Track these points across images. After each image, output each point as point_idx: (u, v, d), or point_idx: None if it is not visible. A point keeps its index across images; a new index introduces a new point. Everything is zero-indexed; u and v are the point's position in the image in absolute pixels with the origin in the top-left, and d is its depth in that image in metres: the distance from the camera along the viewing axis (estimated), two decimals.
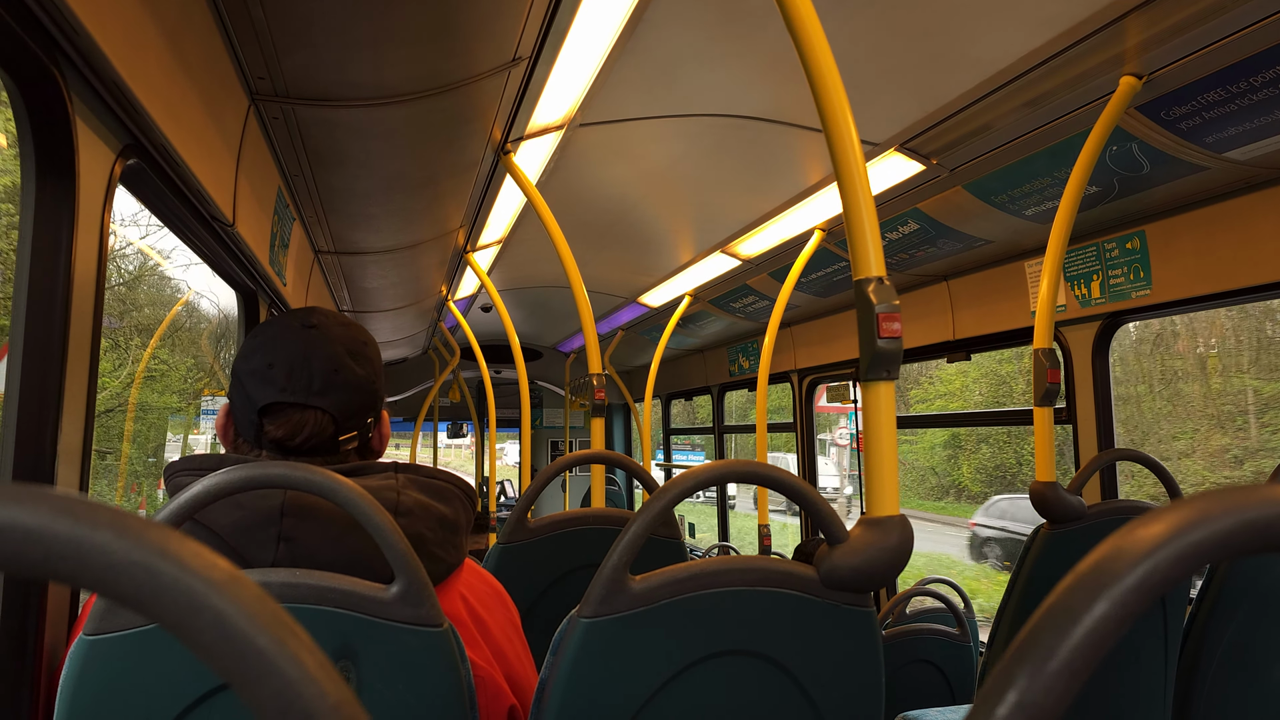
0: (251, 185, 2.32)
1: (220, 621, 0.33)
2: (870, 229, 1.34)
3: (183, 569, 0.33)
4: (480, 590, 1.31)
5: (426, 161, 2.85)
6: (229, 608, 0.33)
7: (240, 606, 0.33)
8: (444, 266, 4.87)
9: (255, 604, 0.34)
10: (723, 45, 2.52)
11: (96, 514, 0.33)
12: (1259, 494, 0.40)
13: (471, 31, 2.00)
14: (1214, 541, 0.39)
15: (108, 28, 1.22)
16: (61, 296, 1.28)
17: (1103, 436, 3.28)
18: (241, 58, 1.94)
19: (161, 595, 0.33)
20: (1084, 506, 2.32)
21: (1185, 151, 2.48)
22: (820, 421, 17.97)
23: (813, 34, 1.41)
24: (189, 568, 0.33)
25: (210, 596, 0.33)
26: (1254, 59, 2.07)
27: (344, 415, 1.26)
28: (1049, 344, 2.52)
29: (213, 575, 0.34)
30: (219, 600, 0.33)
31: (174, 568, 0.33)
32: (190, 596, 0.33)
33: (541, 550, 2.06)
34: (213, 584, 0.33)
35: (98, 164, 1.37)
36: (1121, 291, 3.14)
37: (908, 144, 2.88)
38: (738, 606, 1.19)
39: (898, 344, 1.33)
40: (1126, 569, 0.38)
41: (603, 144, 3.28)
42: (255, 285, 2.79)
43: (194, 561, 0.34)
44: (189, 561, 0.33)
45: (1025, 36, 2.18)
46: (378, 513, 1.04)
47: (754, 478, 1.23)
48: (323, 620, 1.04)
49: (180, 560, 0.33)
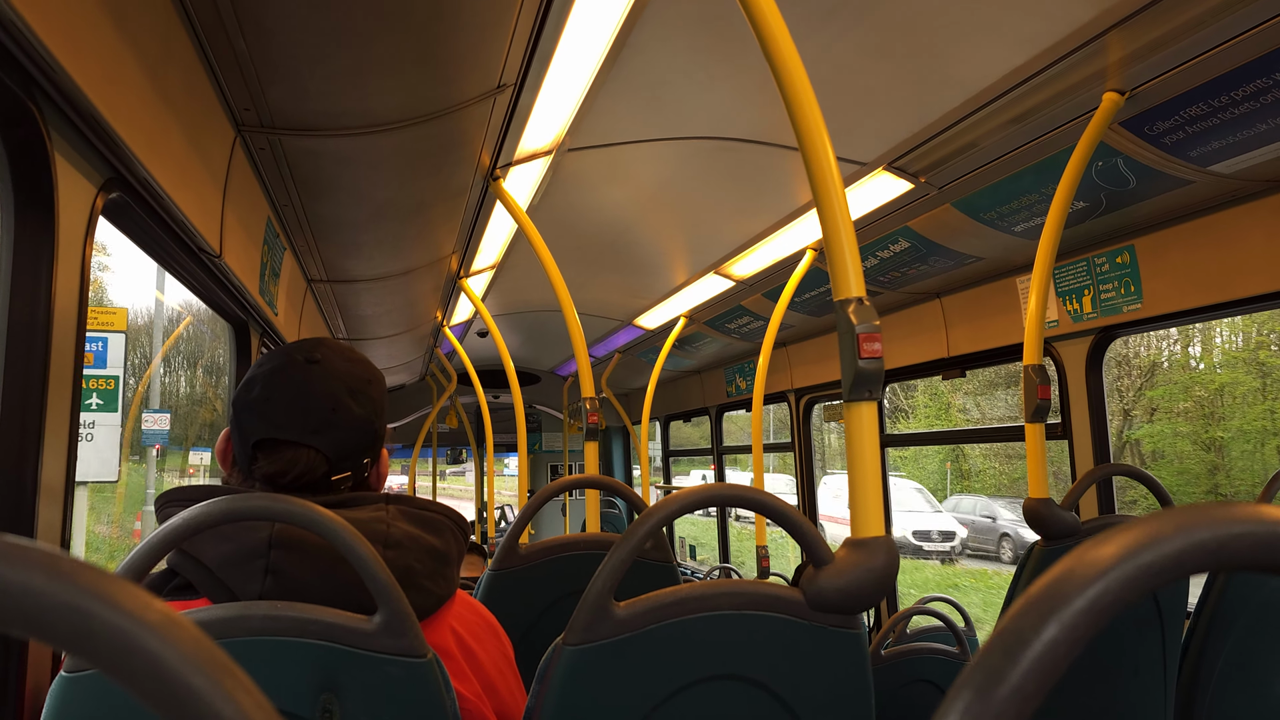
0: (239, 216, 2.33)
1: (155, 663, 0.33)
2: (850, 250, 1.35)
3: (116, 611, 0.33)
4: (471, 622, 1.30)
5: (416, 189, 2.86)
6: (163, 649, 0.33)
7: (175, 647, 0.33)
8: (438, 292, 4.87)
9: (191, 645, 0.34)
10: (709, 68, 2.53)
11: (29, 556, 0.33)
12: (1208, 514, 0.39)
13: (455, 59, 2.02)
14: (1164, 563, 0.39)
15: (85, 64, 1.22)
16: (42, 331, 1.28)
17: (1098, 451, 3.27)
18: (225, 89, 1.95)
19: (95, 638, 0.33)
20: (1078, 522, 2.31)
21: (1170, 166, 2.49)
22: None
23: (787, 56, 1.42)
24: (123, 609, 0.33)
25: (145, 638, 0.33)
26: (1235, 73, 2.08)
27: (338, 455, 1.24)
28: (1039, 360, 2.52)
29: (147, 617, 0.33)
30: (154, 642, 0.33)
31: (107, 610, 0.33)
32: (124, 639, 0.33)
33: (534, 576, 2.06)
34: (147, 626, 0.33)
35: (78, 198, 1.37)
36: (1113, 306, 3.14)
37: (895, 163, 2.89)
38: (725, 631, 1.19)
39: (879, 364, 1.33)
40: (1076, 592, 0.38)
41: (593, 168, 3.29)
42: (246, 315, 2.79)
43: (128, 603, 0.33)
44: (123, 603, 0.33)
45: (1008, 54, 2.20)
46: (359, 543, 1.04)
47: (738, 501, 1.23)
48: (305, 653, 1.03)
49: (114, 602, 0.33)
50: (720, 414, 7.43)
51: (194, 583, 1.12)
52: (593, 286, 5.26)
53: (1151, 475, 2.34)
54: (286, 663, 1.02)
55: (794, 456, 5.85)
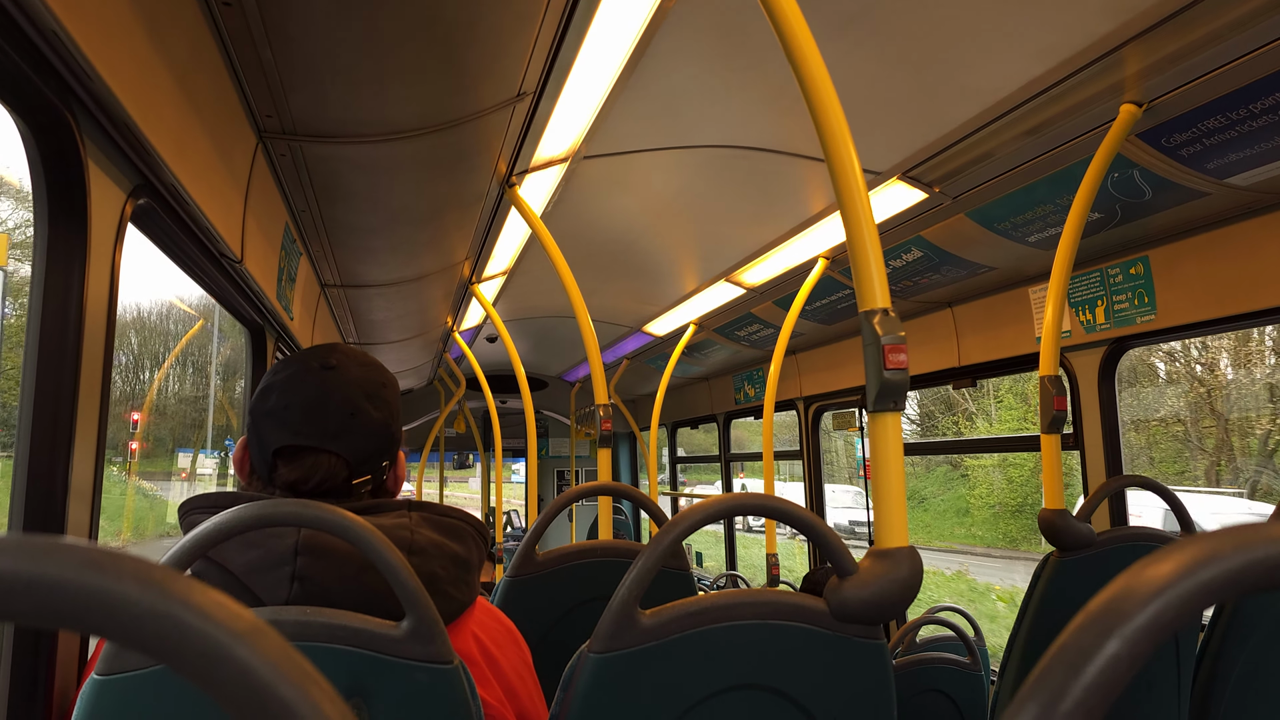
0: (259, 222, 2.34)
1: (244, 672, 0.34)
2: (875, 260, 1.35)
3: (206, 620, 0.34)
4: (493, 629, 1.31)
5: (432, 195, 2.87)
6: (253, 658, 0.34)
7: (264, 657, 0.34)
8: (449, 298, 4.89)
9: (279, 654, 0.34)
10: (724, 78, 2.54)
11: (121, 566, 0.33)
12: (1265, 532, 0.40)
13: (476, 69, 2.03)
14: (1223, 580, 0.39)
15: (119, 70, 1.24)
16: (73, 336, 1.29)
17: (1110, 462, 3.27)
18: (250, 96, 1.97)
19: (185, 646, 0.33)
20: (1093, 534, 2.31)
21: (1187, 178, 2.49)
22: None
23: (814, 67, 1.42)
24: (212, 618, 0.34)
25: (234, 647, 0.34)
26: (1253, 86, 2.08)
27: (358, 460, 1.25)
28: (1055, 371, 2.52)
29: (236, 626, 0.34)
30: (243, 651, 0.34)
31: (198, 619, 0.34)
32: (214, 647, 0.34)
33: (550, 583, 2.06)
34: (236, 635, 0.34)
35: (109, 205, 1.38)
36: (1126, 317, 3.14)
37: (910, 173, 2.89)
38: (749, 640, 1.19)
39: (904, 375, 1.33)
40: (1137, 608, 0.38)
41: (607, 176, 3.30)
42: (263, 320, 2.80)
43: (217, 612, 0.34)
44: (212, 612, 0.34)
45: (1025, 66, 2.20)
46: (388, 550, 1.04)
47: (762, 510, 1.23)
48: (334, 658, 1.04)
49: (204, 611, 0.34)
50: (728, 421, 7.43)
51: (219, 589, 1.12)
52: (603, 292, 5.27)
53: (1166, 487, 2.34)
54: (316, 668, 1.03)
55: (803, 465, 5.85)
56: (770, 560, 4.38)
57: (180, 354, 16.85)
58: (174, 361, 16.59)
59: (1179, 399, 17.69)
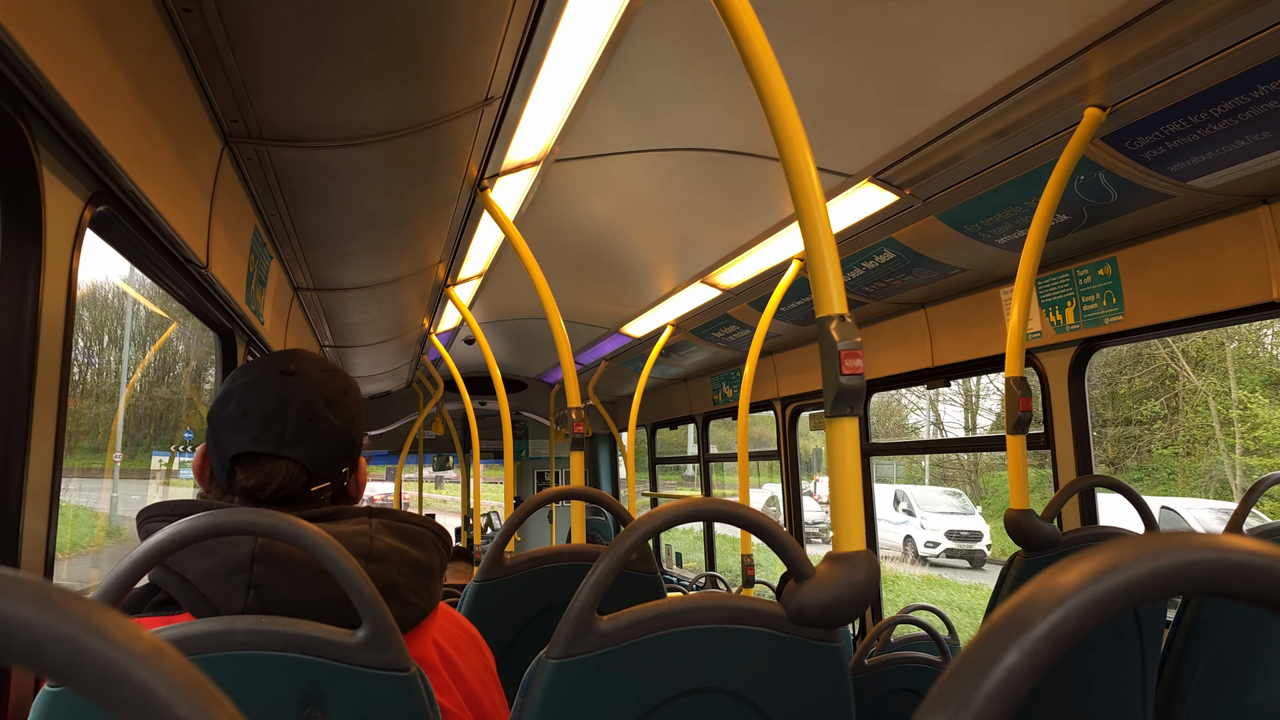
0: (226, 226, 2.33)
1: (143, 692, 0.34)
2: (832, 266, 1.36)
3: (105, 641, 0.34)
4: (454, 634, 1.30)
5: (403, 199, 2.87)
6: (151, 678, 0.34)
7: (163, 677, 0.34)
8: (425, 300, 4.88)
9: (178, 674, 0.34)
10: (696, 79, 2.55)
11: (21, 588, 0.34)
12: (1168, 541, 0.41)
13: (443, 72, 2.03)
14: (1125, 590, 0.40)
15: (75, 82, 1.23)
16: (29, 342, 1.29)
17: (1080, 461, 3.30)
18: (214, 101, 1.96)
19: (85, 668, 0.34)
20: (1059, 534, 2.33)
21: (1151, 180, 2.52)
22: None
23: (770, 74, 1.43)
24: (111, 640, 0.34)
25: (133, 668, 0.34)
26: (1214, 90, 2.11)
27: (317, 466, 1.25)
28: (1020, 372, 2.54)
29: (136, 648, 0.34)
30: (142, 671, 0.34)
31: (96, 640, 0.34)
32: (113, 668, 0.34)
33: (519, 587, 2.06)
34: (135, 656, 0.34)
35: (65, 212, 1.37)
36: (1095, 317, 3.17)
37: (881, 175, 2.91)
38: (707, 644, 1.20)
39: (860, 380, 1.34)
40: (1038, 617, 0.39)
41: (581, 178, 3.30)
42: (232, 325, 2.79)
43: (117, 634, 0.34)
44: (111, 634, 0.34)
45: (991, 69, 2.22)
46: (343, 557, 1.04)
47: (721, 516, 1.24)
48: (289, 667, 1.04)
49: (103, 632, 0.34)
50: (706, 422, 7.45)
51: (176, 598, 1.12)
52: (580, 295, 5.28)
53: (1130, 487, 2.36)
54: (271, 677, 1.03)
55: (780, 464, 5.87)
56: (745, 561, 4.40)
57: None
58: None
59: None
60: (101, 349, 14.11)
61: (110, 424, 11.94)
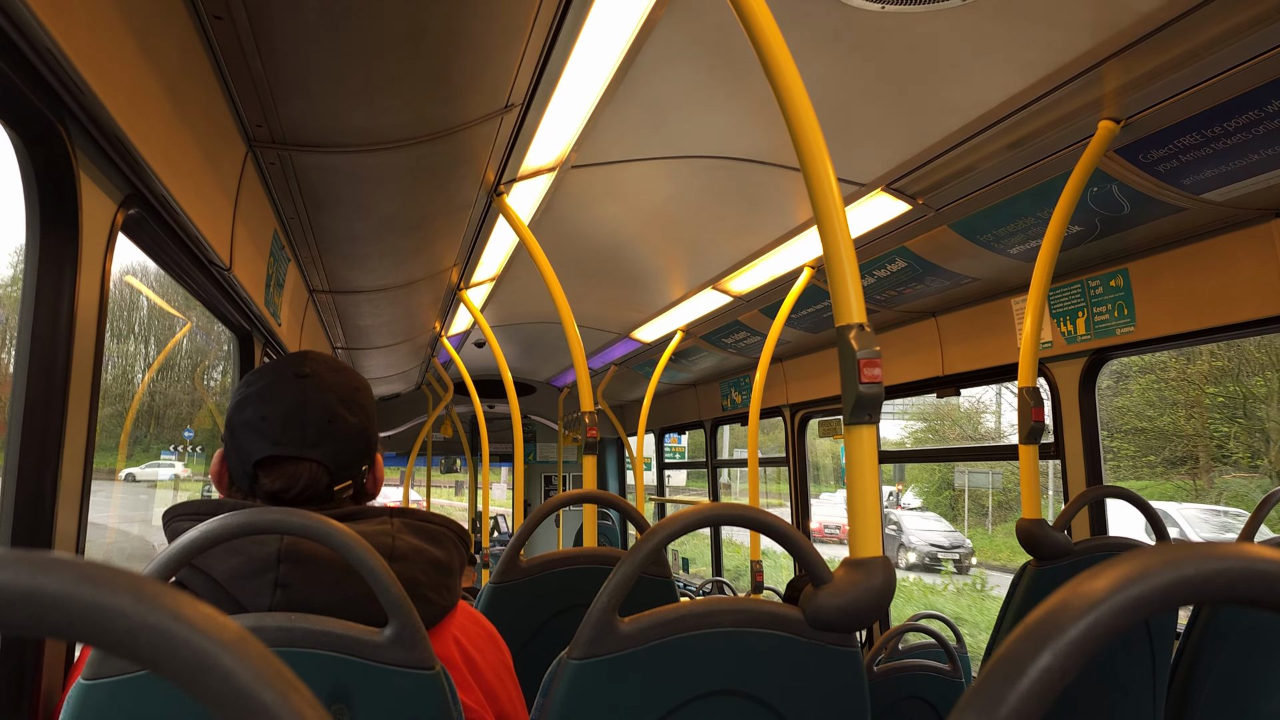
0: (248, 229, 2.36)
1: (229, 679, 0.36)
2: (851, 275, 1.38)
3: (194, 630, 0.36)
4: (473, 632, 1.32)
5: (420, 204, 2.89)
6: (237, 666, 0.36)
7: (248, 664, 0.36)
8: (437, 304, 4.90)
9: (261, 662, 0.37)
10: (712, 89, 2.57)
11: (116, 580, 0.36)
12: (1195, 551, 0.43)
13: (465, 79, 2.05)
14: (1152, 596, 0.42)
15: (110, 83, 1.26)
16: (64, 342, 1.31)
17: (1090, 472, 3.31)
18: (240, 107, 1.99)
19: (175, 656, 0.36)
20: (1070, 543, 2.34)
21: (1164, 193, 2.53)
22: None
23: (791, 83, 1.45)
24: (200, 629, 0.36)
25: (220, 656, 0.36)
26: (1228, 104, 2.12)
27: (338, 465, 1.27)
28: (1033, 382, 2.55)
29: (222, 636, 0.36)
30: (228, 659, 0.36)
31: (186, 630, 0.36)
32: (201, 656, 0.36)
33: (534, 590, 2.08)
34: (222, 644, 0.36)
35: (100, 215, 1.40)
36: (1106, 328, 3.18)
37: (894, 184, 2.93)
38: (726, 647, 1.22)
39: (879, 389, 1.36)
40: (1070, 622, 0.41)
41: (595, 185, 3.33)
42: (250, 326, 2.82)
43: (205, 623, 0.36)
44: (200, 623, 0.36)
45: (1006, 81, 2.24)
46: (371, 557, 1.06)
47: (740, 520, 1.26)
48: (317, 664, 1.06)
49: (192, 622, 0.36)
50: (715, 428, 7.46)
51: (202, 597, 1.14)
52: (591, 299, 5.30)
53: (1141, 497, 2.37)
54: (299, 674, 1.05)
55: (789, 471, 5.88)
56: (754, 567, 4.41)
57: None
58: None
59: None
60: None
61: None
